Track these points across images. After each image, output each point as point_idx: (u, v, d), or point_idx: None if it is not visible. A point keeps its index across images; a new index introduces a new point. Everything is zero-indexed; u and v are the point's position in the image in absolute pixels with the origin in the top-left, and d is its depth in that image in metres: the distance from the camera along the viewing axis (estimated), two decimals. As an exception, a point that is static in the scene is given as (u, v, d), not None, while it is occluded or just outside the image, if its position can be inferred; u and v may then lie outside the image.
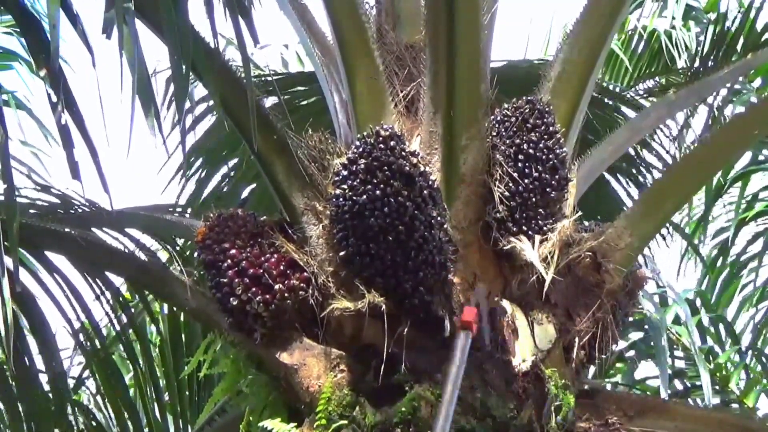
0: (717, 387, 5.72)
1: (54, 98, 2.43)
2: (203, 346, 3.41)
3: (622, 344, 5.51)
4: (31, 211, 3.86)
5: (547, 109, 3.14)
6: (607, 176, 5.01)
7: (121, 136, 2.61)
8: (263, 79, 4.99)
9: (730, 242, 6.57)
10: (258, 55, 6.21)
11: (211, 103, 5.02)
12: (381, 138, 2.78)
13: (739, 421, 3.73)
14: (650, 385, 5.83)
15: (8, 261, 2.62)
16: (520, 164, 3.05)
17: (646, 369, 7.80)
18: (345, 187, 2.79)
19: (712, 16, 6.03)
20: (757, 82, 6.22)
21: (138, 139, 2.55)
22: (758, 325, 6.44)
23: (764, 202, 6.60)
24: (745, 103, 5.72)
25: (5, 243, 2.54)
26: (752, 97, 5.83)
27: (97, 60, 2.55)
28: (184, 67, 2.60)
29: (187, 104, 2.90)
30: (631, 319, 3.98)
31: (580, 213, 3.17)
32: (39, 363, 3.85)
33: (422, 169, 2.82)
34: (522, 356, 2.97)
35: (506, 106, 3.17)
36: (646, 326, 5.50)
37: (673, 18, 5.93)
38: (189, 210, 4.94)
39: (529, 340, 3.01)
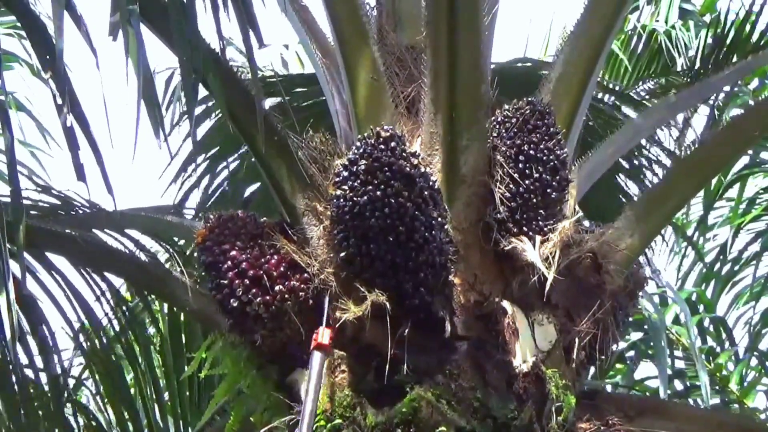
0: (717, 387, 5.74)
1: (59, 100, 2.42)
2: (204, 347, 3.41)
3: (622, 344, 5.52)
4: (32, 212, 3.85)
5: (547, 110, 3.14)
6: (607, 176, 5.00)
7: (120, 137, 2.62)
8: (264, 80, 4.99)
9: (729, 243, 6.57)
10: (258, 56, 6.20)
11: (211, 103, 5.03)
12: (381, 139, 2.78)
13: (739, 421, 3.74)
14: (650, 386, 5.84)
15: (12, 264, 2.61)
16: (520, 165, 3.05)
17: (646, 369, 7.81)
18: (345, 187, 2.79)
19: (710, 18, 6.04)
20: (754, 84, 6.22)
21: (138, 140, 2.56)
22: (756, 326, 6.45)
23: (762, 204, 6.61)
24: (742, 105, 5.73)
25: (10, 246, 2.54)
26: (749, 99, 5.83)
27: (92, 60, 2.55)
28: (194, 77, 2.60)
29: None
30: (631, 319, 3.98)
31: (580, 214, 3.17)
32: (39, 363, 3.85)
33: (423, 170, 2.81)
34: (522, 357, 2.97)
35: (507, 107, 3.17)
36: (646, 326, 5.51)
37: (666, 22, 5.94)
38: (190, 211, 4.94)
39: (529, 341, 3.01)
